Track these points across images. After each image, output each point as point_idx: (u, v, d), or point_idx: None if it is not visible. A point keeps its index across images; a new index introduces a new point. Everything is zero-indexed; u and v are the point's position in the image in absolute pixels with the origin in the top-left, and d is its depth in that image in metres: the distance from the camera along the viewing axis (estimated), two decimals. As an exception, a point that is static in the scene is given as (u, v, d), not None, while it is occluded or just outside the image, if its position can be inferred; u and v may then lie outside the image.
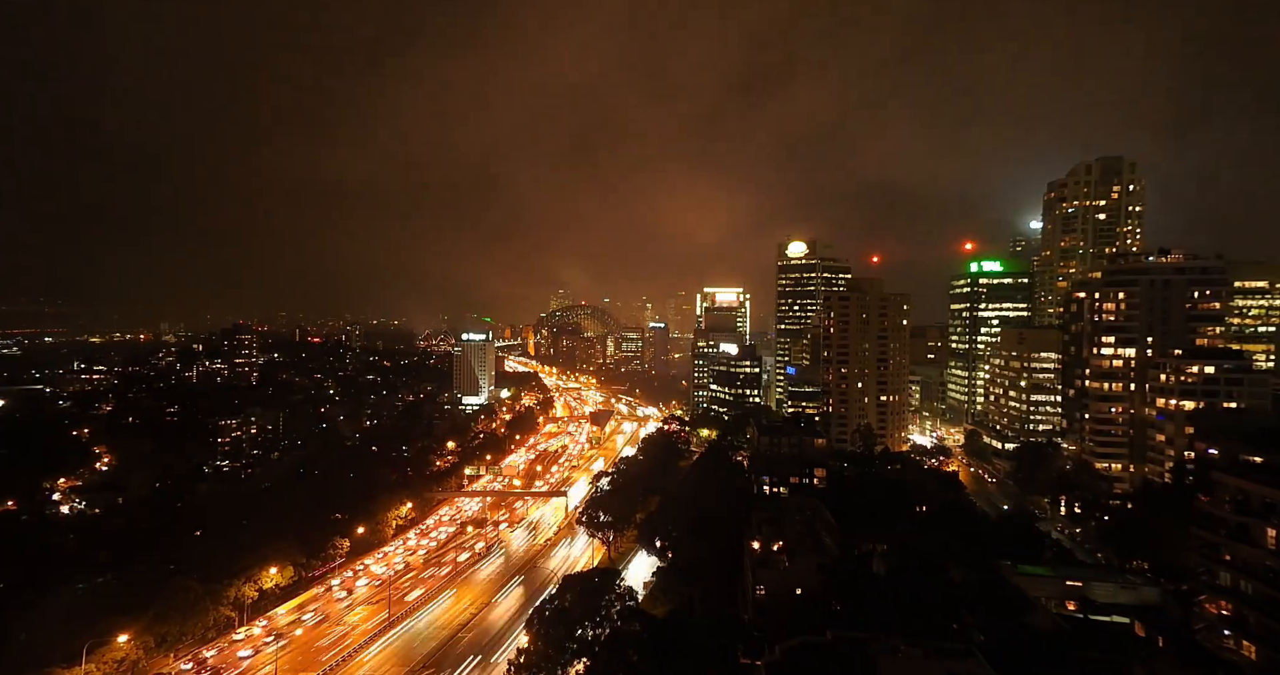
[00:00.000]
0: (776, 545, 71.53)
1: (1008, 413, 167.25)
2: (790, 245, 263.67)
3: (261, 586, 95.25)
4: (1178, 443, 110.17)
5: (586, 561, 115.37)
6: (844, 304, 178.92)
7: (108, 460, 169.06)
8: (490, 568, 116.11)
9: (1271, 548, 54.58)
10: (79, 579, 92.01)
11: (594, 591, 69.31)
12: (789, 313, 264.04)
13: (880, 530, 79.67)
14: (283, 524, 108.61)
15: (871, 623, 47.87)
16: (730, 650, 57.44)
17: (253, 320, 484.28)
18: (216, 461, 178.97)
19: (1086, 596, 63.51)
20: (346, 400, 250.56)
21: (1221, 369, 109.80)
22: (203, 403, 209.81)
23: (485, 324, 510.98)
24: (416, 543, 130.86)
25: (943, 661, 40.93)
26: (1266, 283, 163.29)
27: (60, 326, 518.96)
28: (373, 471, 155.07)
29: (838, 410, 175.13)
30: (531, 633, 65.94)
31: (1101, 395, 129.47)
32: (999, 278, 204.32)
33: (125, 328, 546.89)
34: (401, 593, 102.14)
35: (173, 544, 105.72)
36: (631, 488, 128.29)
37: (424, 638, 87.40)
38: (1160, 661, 47.91)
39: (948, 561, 61.35)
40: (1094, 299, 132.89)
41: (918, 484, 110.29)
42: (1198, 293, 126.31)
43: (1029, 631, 50.67)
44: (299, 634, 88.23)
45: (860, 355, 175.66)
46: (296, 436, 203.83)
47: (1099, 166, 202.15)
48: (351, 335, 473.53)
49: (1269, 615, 53.45)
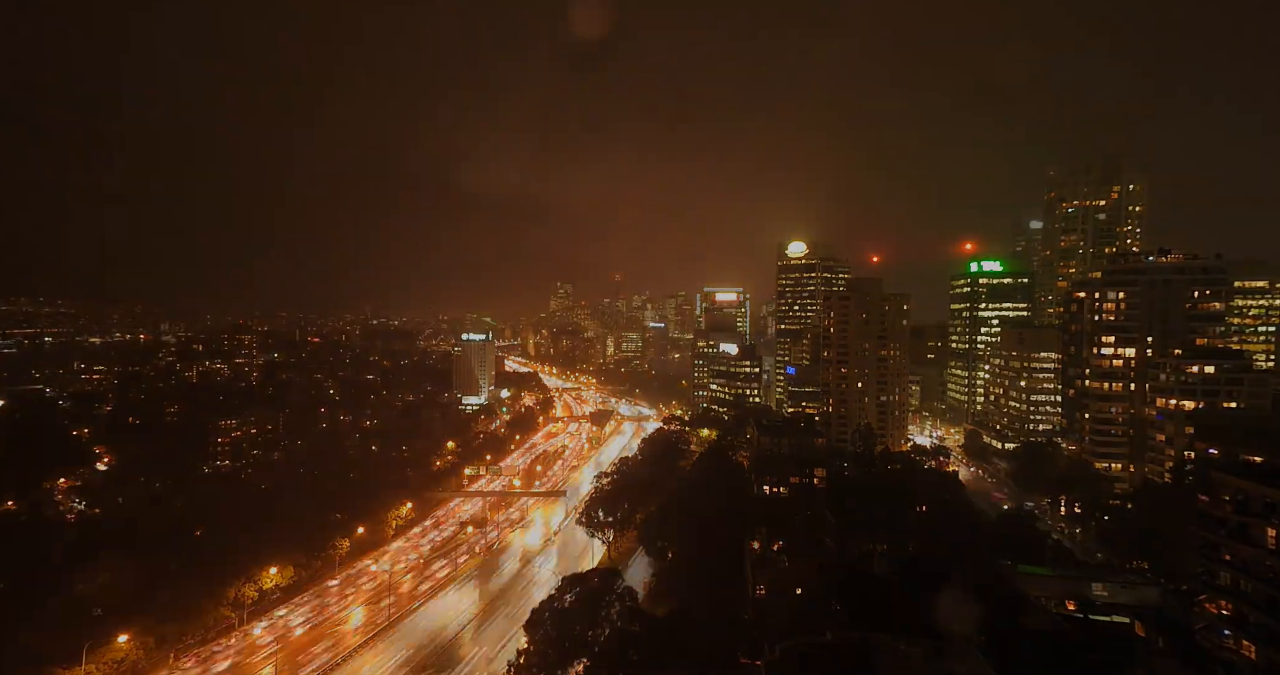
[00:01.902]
0: (776, 545, 71.65)
1: (1008, 413, 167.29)
2: (790, 245, 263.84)
3: (261, 586, 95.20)
4: (1178, 443, 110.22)
5: (586, 562, 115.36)
6: (844, 304, 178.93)
7: (108, 460, 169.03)
8: (490, 567, 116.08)
9: (1271, 547, 54.62)
10: (79, 579, 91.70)
11: (594, 591, 69.32)
12: (789, 313, 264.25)
13: (880, 530, 79.81)
14: (283, 524, 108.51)
15: (871, 623, 47.88)
16: (730, 650, 57.46)
17: (253, 320, 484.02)
18: (216, 461, 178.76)
19: (1086, 596, 63.55)
20: (346, 400, 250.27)
21: (1221, 369, 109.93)
22: (203, 403, 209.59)
23: (485, 324, 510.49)
24: (416, 543, 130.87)
25: (943, 661, 40.96)
26: (1266, 283, 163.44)
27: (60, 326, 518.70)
28: (373, 471, 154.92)
29: (838, 410, 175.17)
30: (531, 632, 65.89)
31: (1101, 395, 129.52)
32: (999, 278, 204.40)
33: (125, 328, 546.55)
34: (401, 593, 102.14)
35: (173, 544, 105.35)
36: (631, 488, 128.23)
37: (424, 638, 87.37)
38: (1160, 661, 47.92)
39: (948, 561, 61.39)
40: (1094, 299, 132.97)
41: (918, 484, 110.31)
42: (1198, 293, 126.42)
43: (1029, 631, 50.71)
44: (299, 634, 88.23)
45: (860, 355, 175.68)
46: (296, 436, 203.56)
47: (1099, 166, 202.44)
48: (351, 335, 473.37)
49: (1269, 615, 53.47)
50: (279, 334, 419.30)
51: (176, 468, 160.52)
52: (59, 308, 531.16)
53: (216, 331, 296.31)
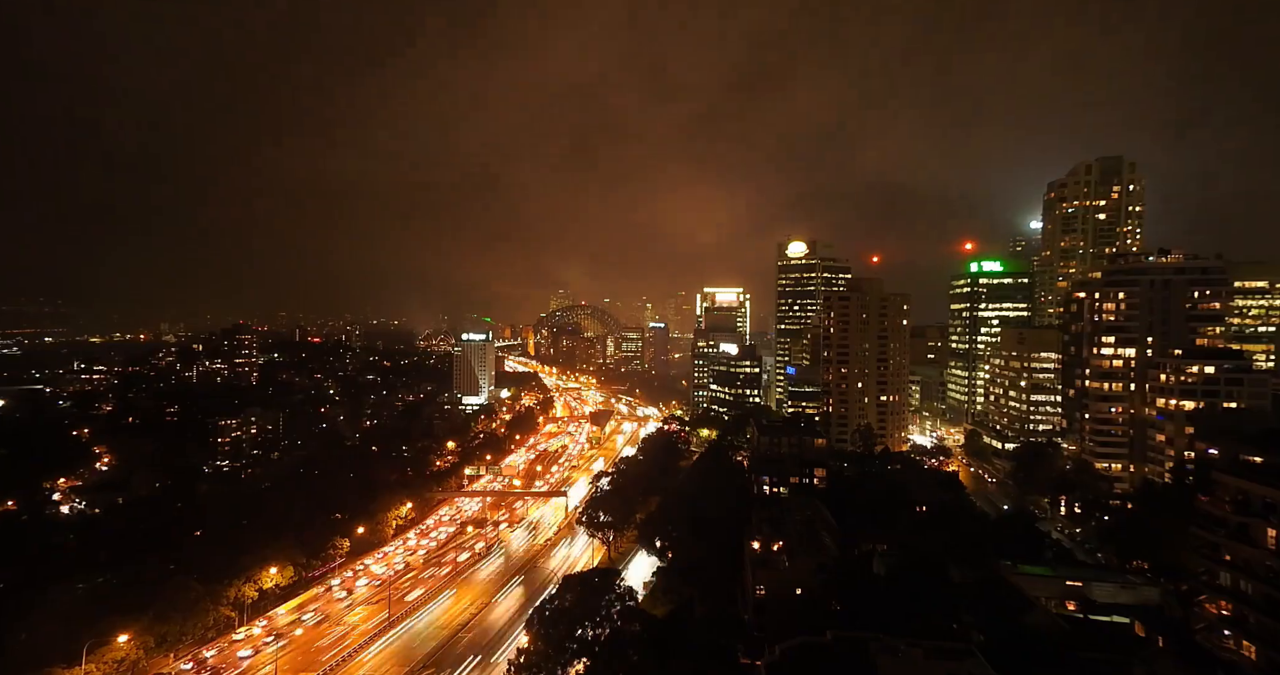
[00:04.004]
0: (776, 545, 71.57)
1: (1008, 413, 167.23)
2: (790, 245, 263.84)
3: (261, 586, 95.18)
4: (1178, 443, 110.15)
5: (586, 561, 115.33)
6: (844, 304, 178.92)
7: (108, 460, 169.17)
8: (490, 568, 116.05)
9: (1271, 548, 54.59)
10: (79, 579, 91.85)
11: (594, 591, 69.23)
12: (789, 313, 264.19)
13: (880, 530, 79.71)
14: (283, 524, 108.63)
15: (871, 623, 47.82)
16: (730, 650, 57.44)
17: (253, 320, 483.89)
18: (216, 461, 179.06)
19: (1086, 596, 63.47)
20: (346, 400, 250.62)
21: (1221, 369, 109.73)
22: (203, 403, 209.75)
23: (485, 324, 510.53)
24: (416, 543, 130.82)
25: (943, 661, 40.90)
26: (1266, 283, 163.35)
27: (60, 326, 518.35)
28: (373, 471, 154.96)
29: (838, 410, 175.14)
30: (531, 633, 65.84)
31: (1101, 395, 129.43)
32: (999, 278, 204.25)
33: (125, 328, 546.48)
34: (401, 593, 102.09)
35: (173, 544, 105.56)
36: (631, 488, 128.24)
37: (424, 638, 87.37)
38: (1160, 661, 47.85)
39: (948, 561, 61.31)
40: (1094, 299, 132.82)
41: (918, 484, 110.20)
42: (1198, 293, 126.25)
43: (1029, 631, 50.66)
44: (299, 634, 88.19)
45: (860, 355, 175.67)
46: (296, 436, 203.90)
47: (1099, 166, 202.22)
48: (351, 335, 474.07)
49: (1269, 615, 53.45)
50: (279, 334, 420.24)
51: (176, 468, 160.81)
52: (59, 308, 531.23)
53: (216, 331, 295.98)
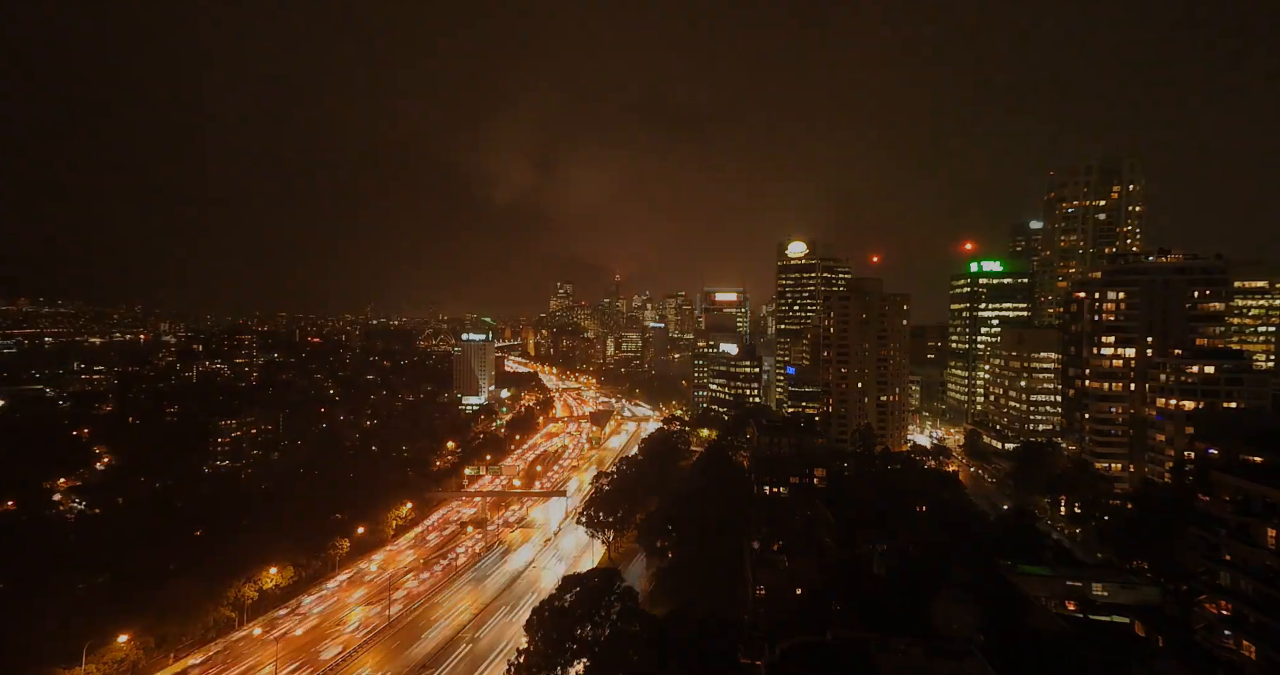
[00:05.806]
0: (776, 545, 71.64)
1: (1008, 413, 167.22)
2: (790, 245, 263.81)
3: (261, 586, 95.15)
4: (1178, 443, 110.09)
5: (586, 562, 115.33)
6: (844, 304, 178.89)
7: (108, 460, 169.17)
8: (490, 568, 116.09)
9: (1271, 548, 54.59)
10: (79, 579, 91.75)
11: (594, 591, 69.28)
12: (789, 313, 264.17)
13: (880, 530, 79.75)
14: (283, 524, 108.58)
15: (871, 623, 47.91)
16: (730, 650, 57.46)
17: (253, 320, 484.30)
18: (216, 461, 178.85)
19: (1086, 596, 63.56)
20: (346, 400, 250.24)
21: (1221, 369, 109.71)
22: (203, 403, 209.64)
23: (485, 324, 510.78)
24: (417, 543, 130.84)
25: (943, 661, 40.98)
26: (1266, 283, 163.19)
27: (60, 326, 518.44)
28: (373, 471, 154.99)
29: (838, 410, 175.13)
30: (531, 633, 65.86)
31: (1101, 395, 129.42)
32: (999, 278, 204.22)
33: (125, 328, 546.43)
34: (401, 593, 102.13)
35: (173, 544, 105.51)
36: (631, 488, 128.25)
37: (424, 638, 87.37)
38: (1160, 661, 47.91)
39: (948, 561, 61.37)
40: (1094, 299, 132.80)
41: (917, 484, 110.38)
42: (1198, 293, 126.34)
43: (1029, 631, 50.73)
44: (299, 634, 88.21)
45: (860, 355, 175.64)
46: (296, 436, 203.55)
47: (1099, 166, 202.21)
48: (351, 335, 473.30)
49: (1269, 615, 53.44)
50: (279, 334, 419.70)
51: (176, 468, 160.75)
52: (59, 308, 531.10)
53: (216, 331, 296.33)
